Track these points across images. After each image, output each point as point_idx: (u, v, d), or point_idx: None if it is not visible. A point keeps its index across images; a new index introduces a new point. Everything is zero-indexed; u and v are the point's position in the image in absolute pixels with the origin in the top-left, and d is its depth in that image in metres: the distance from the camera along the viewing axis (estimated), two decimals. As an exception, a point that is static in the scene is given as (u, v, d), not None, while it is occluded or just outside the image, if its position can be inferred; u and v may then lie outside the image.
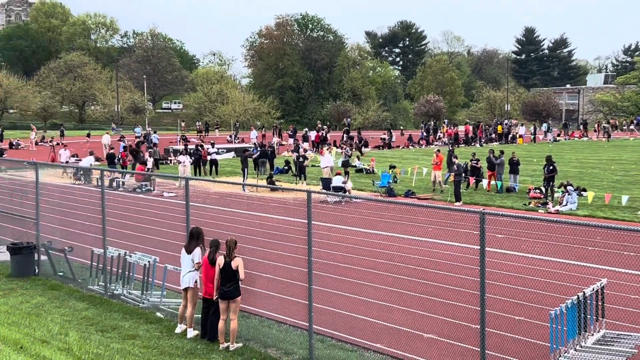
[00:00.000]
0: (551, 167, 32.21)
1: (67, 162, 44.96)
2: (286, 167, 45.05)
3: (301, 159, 41.02)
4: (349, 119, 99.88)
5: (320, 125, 76.10)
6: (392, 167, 41.46)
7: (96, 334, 13.46)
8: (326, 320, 14.19)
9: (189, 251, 13.83)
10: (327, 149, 45.08)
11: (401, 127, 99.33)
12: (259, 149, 46.39)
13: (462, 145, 65.77)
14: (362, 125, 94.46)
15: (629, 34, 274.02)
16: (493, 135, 74.19)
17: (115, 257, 16.65)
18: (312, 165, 45.55)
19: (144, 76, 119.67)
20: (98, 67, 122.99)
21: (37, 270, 18.75)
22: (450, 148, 41.68)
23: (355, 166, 45.41)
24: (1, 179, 31.64)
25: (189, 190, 15.17)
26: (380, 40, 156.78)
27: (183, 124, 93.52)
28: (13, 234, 20.89)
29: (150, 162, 42.24)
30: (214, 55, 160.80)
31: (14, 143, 66.88)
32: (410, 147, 68.94)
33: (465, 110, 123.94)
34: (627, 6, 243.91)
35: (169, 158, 51.22)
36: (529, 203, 31.10)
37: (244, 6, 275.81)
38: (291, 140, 63.64)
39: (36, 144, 67.36)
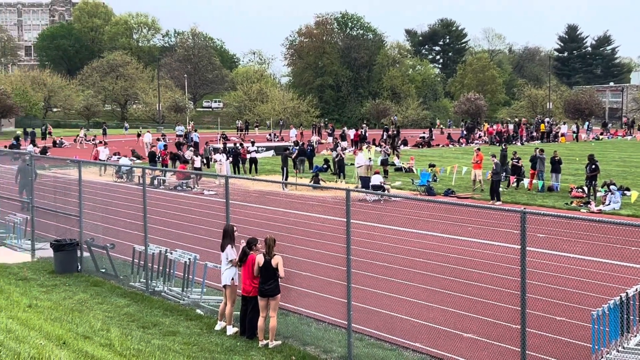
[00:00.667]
0: (593, 166, 31.76)
1: (106, 159, 45.53)
2: (325, 166, 45.08)
3: (340, 157, 40.97)
4: (395, 117, 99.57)
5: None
6: (431, 165, 41.21)
7: (137, 330, 13.61)
8: (365, 318, 14.19)
9: (223, 249, 13.97)
10: (367, 147, 44.99)
11: (441, 127, 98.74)
12: (296, 147, 46.46)
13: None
14: (402, 124, 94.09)
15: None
16: (534, 134, 73.35)
17: (157, 254, 16.82)
18: (351, 164, 45.50)
19: (185, 75, 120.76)
20: (140, 66, 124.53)
21: (79, 267, 19.01)
22: (503, 147, 41.48)
23: (394, 164, 45.27)
24: (45, 177, 32.09)
25: (229, 189, 15.28)
26: (421, 38, 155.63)
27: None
28: (56, 231, 21.22)
29: (198, 162, 42.35)
30: (254, 54, 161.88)
31: (57, 141, 67.32)
32: (450, 145, 68.53)
33: (507, 108, 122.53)
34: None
35: (209, 157, 51.51)
36: (571, 202, 30.71)
37: (284, 5, 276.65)
38: (330, 139, 63.68)
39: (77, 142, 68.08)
